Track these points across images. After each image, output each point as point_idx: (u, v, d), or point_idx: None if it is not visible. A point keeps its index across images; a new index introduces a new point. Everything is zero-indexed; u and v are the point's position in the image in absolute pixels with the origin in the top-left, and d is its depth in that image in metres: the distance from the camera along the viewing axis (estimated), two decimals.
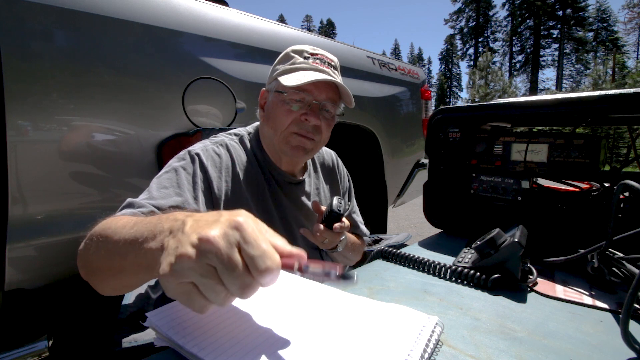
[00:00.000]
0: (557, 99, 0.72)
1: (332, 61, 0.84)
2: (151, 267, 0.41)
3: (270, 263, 0.34)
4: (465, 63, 58.86)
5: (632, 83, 17.09)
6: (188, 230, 0.36)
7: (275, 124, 0.81)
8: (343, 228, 0.79)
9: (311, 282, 0.54)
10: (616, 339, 0.41)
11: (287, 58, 0.83)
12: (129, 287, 0.58)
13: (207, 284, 0.33)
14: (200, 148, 0.79)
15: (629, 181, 0.49)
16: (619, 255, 0.56)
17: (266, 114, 0.85)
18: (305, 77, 0.75)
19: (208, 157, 0.77)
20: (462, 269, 0.59)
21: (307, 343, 0.38)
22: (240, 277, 0.33)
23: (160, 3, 1.19)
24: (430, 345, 0.38)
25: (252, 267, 0.34)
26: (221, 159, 0.79)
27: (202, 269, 0.33)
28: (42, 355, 0.92)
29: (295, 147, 0.81)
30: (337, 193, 1.04)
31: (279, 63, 0.84)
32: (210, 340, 0.39)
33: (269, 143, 0.86)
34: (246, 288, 0.34)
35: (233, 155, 0.82)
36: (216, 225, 0.35)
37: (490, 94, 24.25)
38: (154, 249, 0.40)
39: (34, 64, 0.94)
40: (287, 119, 0.79)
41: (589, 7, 42.30)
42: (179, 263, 0.33)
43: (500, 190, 0.83)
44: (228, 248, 0.33)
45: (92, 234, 0.57)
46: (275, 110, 0.81)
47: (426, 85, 2.51)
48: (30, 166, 0.95)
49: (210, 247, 0.33)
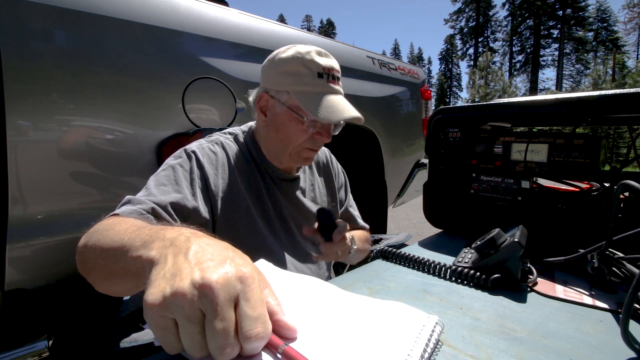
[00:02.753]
0: (557, 99, 0.72)
1: (339, 72, 0.83)
2: (140, 274, 0.39)
3: (261, 329, 0.32)
4: (465, 63, 58.92)
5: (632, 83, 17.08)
6: (192, 258, 0.34)
7: (289, 138, 0.82)
8: (342, 232, 0.80)
9: (311, 281, 0.54)
10: (616, 339, 0.41)
11: (296, 69, 0.78)
12: (120, 293, 0.57)
13: (189, 329, 0.31)
14: (196, 146, 0.80)
15: (629, 181, 0.49)
16: (619, 255, 0.56)
17: (271, 123, 0.83)
18: (334, 114, 0.76)
19: (204, 155, 0.78)
20: (462, 269, 0.59)
21: (307, 342, 0.38)
22: (224, 335, 0.31)
23: (160, 3, 1.19)
24: (430, 345, 0.38)
25: (242, 327, 0.31)
26: (217, 157, 0.80)
27: (192, 312, 0.31)
28: (42, 355, 0.92)
29: (306, 159, 0.86)
30: (333, 189, 1.05)
31: (287, 71, 0.79)
32: None
33: (273, 149, 0.86)
34: (225, 348, 0.31)
35: (228, 153, 0.83)
36: (222, 269, 0.33)
37: (490, 94, 24.25)
38: (148, 255, 0.38)
39: (34, 64, 0.94)
40: (302, 136, 0.81)
41: (589, 7, 42.30)
42: (173, 299, 0.31)
43: (500, 190, 0.83)
44: (226, 300, 0.31)
45: (92, 232, 0.57)
46: (287, 126, 0.81)
47: (426, 85, 2.51)
48: (30, 166, 0.95)
49: (209, 293, 0.31)
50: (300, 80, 0.78)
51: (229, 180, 0.80)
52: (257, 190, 0.85)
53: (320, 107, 0.77)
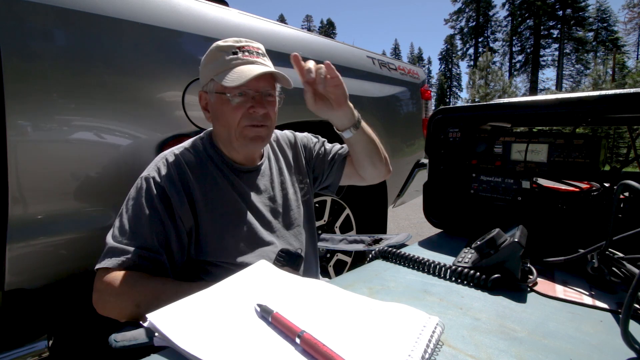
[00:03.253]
0: (557, 99, 0.72)
1: (259, 49, 0.86)
2: None
3: None
4: (465, 63, 58.88)
5: (632, 83, 17.07)
6: None
7: (227, 122, 0.84)
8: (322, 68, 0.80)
9: (312, 282, 0.54)
10: (616, 339, 0.41)
11: (215, 57, 0.84)
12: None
13: None
14: (152, 169, 0.81)
15: (629, 181, 0.49)
16: (619, 255, 0.56)
17: (213, 115, 0.88)
18: (243, 75, 0.78)
19: (162, 176, 0.80)
20: (462, 269, 0.59)
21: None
22: None
23: (160, 3, 1.19)
24: (430, 345, 0.38)
25: None
26: (172, 170, 0.81)
27: None
28: (42, 355, 0.92)
29: (253, 139, 0.85)
30: (301, 167, 1.06)
31: (208, 63, 0.85)
32: (210, 341, 0.39)
33: (224, 140, 0.88)
34: None
35: (182, 162, 0.83)
36: None
37: (490, 94, 24.24)
38: None
39: (34, 64, 0.94)
40: (236, 115, 0.82)
41: (589, 7, 42.29)
42: None
43: (500, 190, 0.83)
44: None
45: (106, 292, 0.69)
46: (221, 110, 0.84)
47: (426, 85, 2.51)
48: (30, 166, 0.95)
49: None
50: (218, 65, 0.82)
51: (192, 188, 0.81)
52: (223, 188, 0.86)
53: (230, 75, 0.79)
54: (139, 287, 0.69)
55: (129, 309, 0.67)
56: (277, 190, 0.96)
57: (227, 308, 0.45)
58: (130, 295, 0.68)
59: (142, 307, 0.66)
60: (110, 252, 0.72)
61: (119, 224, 0.76)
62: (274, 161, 1.00)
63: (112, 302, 0.69)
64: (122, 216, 0.77)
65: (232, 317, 0.43)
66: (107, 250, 0.73)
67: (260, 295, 0.49)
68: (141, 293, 0.68)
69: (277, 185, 0.97)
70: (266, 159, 0.98)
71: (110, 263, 0.70)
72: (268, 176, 0.96)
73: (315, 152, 1.10)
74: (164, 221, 0.76)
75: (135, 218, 0.75)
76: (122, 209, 0.79)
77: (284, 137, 1.08)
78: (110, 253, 0.72)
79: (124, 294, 0.68)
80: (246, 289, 0.50)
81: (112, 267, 0.70)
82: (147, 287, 0.69)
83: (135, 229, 0.74)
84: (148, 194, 0.77)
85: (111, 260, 0.71)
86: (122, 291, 0.68)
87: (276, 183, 0.97)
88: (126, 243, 0.72)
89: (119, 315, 0.69)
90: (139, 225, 0.74)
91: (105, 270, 0.71)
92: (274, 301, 0.46)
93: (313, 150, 1.10)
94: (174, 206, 0.78)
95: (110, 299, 0.69)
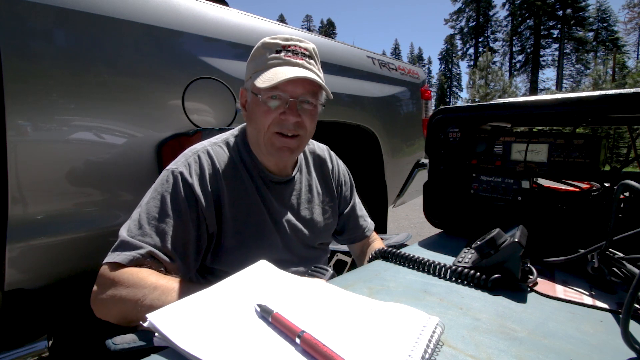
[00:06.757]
0: (557, 99, 0.72)
1: (306, 50, 0.79)
2: None
3: None
4: (465, 63, 58.93)
5: (632, 83, 17.07)
6: None
7: (257, 125, 0.79)
8: None
9: (312, 282, 0.54)
10: (616, 339, 0.41)
11: (259, 53, 0.79)
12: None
13: None
14: (182, 164, 0.76)
15: (629, 181, 0.49)
16: (619, 255, 0.56)
17: (248, 114, 0.83)
18: (277, 76, 0.72)
19: (192, 173, 0.75)
20: (462, 269, 0.59)
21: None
22: None
23: (160, 3, 1.19)
24: (431, 345, 0.38)
25: None
26: (204, 169, 0.77)
27: None
28: (42, 355, 0.92)
29: (280, 149, 0.80)
30: (331, 187, 1.00)
31: (252, 59, 0.80)
32: (210, 341, 0.38)
33: (254, 143, 0.84)
34: None
35: (215, 161, 0.79)
36: None
37: (490, 94, 24.23)
38: None
39: (34, 64, 0.94)
40: (266, 119, 0.77)
41: (589, 7, 42.31)
42: None
43: (500, 190, 0.83)
44: None
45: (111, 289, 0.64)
46: (254, 111, 0.80)
47: (426, 85, 2.51)
48: (30, 166, 0.95)
49: None
50: (258, 63, 0.78)
51: (220, 189, 0.77)
52: (251, 195, 0.82)
53: (264, 75, 0.74)
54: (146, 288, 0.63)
55: (129, 309, 0.63)
56: (303, 206, 0.91)
57: (227, 308, 0.45)
58: (134, 294, 0.63)
59: (142, 308, 0.62)
60: (122, 246, 0.67)
61: (137, 217, 0.70)
62: (305, 174, 0.94)
63: (113, 300, 0.64)
64: (141, 209, 0.71)
65: (232, 317, 0.43)
66: (119, 244, 0.68)
67: (260, 295, 0.49)
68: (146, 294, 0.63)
69: (304, 202, 0.92)
70: (298, 170, 0.92)
71: (120, 258, 0.65)
72: (297, 190, 0.91)
73: (343, 187, 1.04)
74: (186, 224, 0.71)
75: (155, 214, 0.70)
76: (142, 201, 0.73)
77: (322, 151, 1.02)
78: (121, 247, 0.67)
79: (128, 292, 0.63)
80: (246, 289, 0.50)
81: (121, 263, 0.65)
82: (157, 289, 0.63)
83: (153, 227, 0.69)
84: (174, 191, 0.72)
85: (122, 255, 0.66)
86: (126, 291, 0.63)
87: (303, 199, 0.92)
88: (141, 240, 0.67)
89: (117, 315, 0.65)
90: (159, 223, 0.69)
91: (112, 265, 0.66)
92: (274, 301, 0.46)
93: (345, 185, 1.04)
94: (200, 208, 0.73)
95: (113, 296, 0.64)
